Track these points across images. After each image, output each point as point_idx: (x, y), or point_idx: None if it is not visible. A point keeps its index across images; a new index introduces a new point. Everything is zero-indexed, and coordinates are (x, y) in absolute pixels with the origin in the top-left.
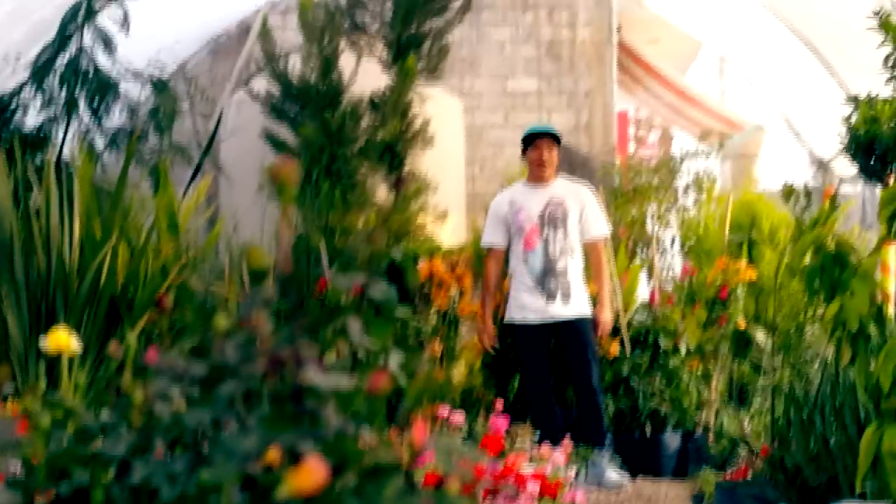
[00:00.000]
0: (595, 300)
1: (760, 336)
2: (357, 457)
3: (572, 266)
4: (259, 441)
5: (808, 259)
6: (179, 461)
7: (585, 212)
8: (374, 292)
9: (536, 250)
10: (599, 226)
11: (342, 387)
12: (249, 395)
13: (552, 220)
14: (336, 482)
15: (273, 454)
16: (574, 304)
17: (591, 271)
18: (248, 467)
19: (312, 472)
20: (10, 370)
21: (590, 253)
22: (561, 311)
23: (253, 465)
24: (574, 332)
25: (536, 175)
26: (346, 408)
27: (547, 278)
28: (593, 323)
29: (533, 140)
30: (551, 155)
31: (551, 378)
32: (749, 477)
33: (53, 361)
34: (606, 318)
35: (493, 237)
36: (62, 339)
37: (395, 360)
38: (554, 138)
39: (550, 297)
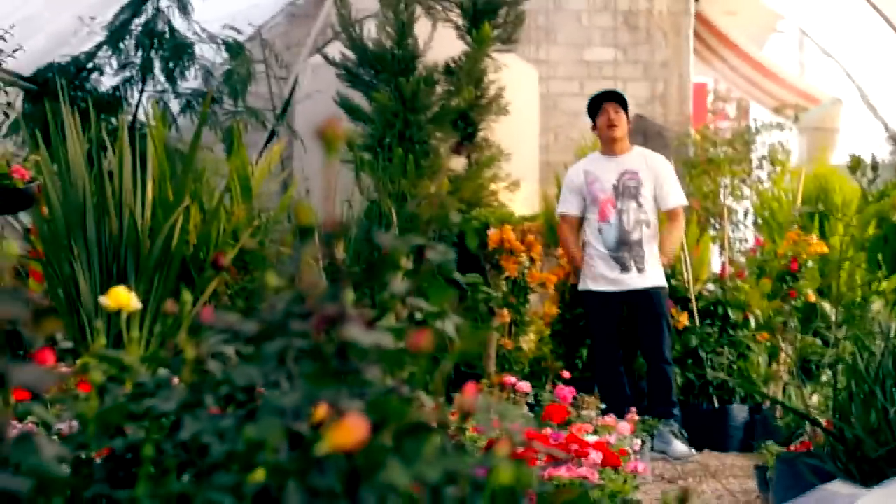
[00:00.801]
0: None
1: (827, 309)
2: (398, 414)
3: (647, 237)
4: (301, 398)
5: (871, 231)
6: (229, 418)
7: (661, 182)
8: (431, 255)
9: (611, 221)
10: (676, 195)
11: (383, 343)
12: (303, 353)
13: (626, 190)
14: (376, 439)
15: (321, 412)
16: (649, 275)
17: (666, 235)
18: (294, 424)
19: (353, 428)
20: (80, 330)
21: (667, 221)
22: (636, 281)
23: (298, 422)
24: (648, 303)
25: (608, 139)
26: (389, 365)
27: (622, 250)
28: (661, 293)
29: (598, 105)
30: (619, 116)
31: (620, 348)
32: (811, 449)
33: (125, 325)
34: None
35: (567, 206)
36: (122, 297)
37: (451, 322)
38: (618, 100)
39: (625, 268)
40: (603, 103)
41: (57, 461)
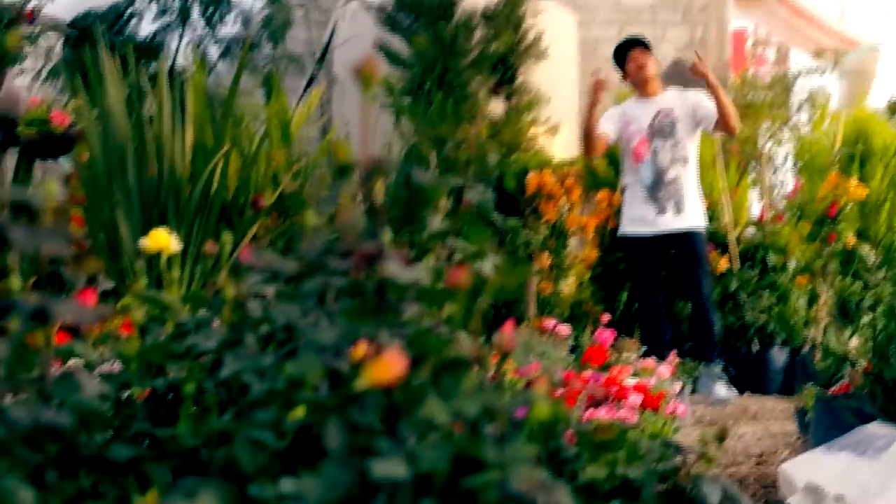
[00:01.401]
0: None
1: (867, 252)
2: (436, 350)
3: (684, 175)
4: (340, 335)
5: None
6: (269, 356)
7: (698, 110)
8: (470, 195)
9: (646, 161)
10: (715, 110)
11: (421, 280)
12: (342, 291)
13: (661, 129)
14: (414, 375)
15: (360, 349)
16: (686, 216)
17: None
18: (332, 361)
19: (391, 364)
20: (121, 275)
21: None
22: (673, 223)
23: (338, 359)
24: (686, 245)
25: (641, 82)
26: (428, 301)
27: (657, 189)
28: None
29: (624, 54)
30: (645, 58)
31: (662, 291)
32: (850, 391)
33: (165, 267)
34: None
35: (602, 127)
36: (162, 239)
37: (489, 262)
38: (641, 44)
39: (662, 209)
40: (627, 51)
41: (99, 399)
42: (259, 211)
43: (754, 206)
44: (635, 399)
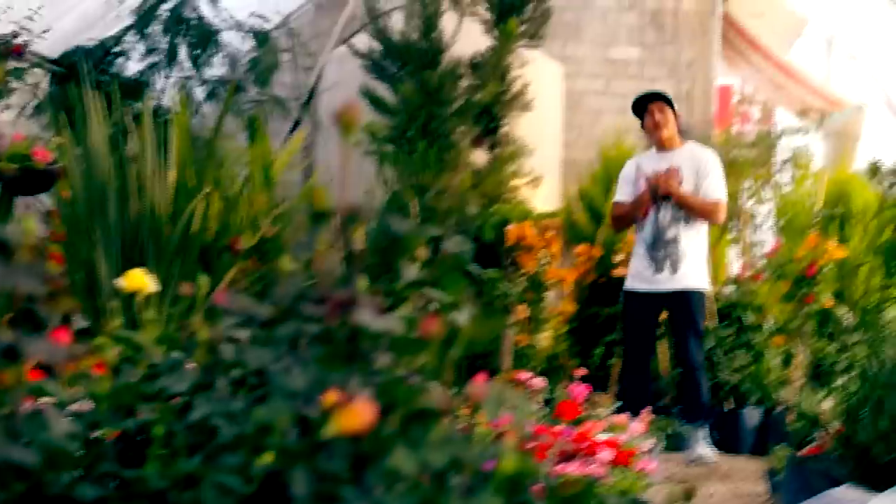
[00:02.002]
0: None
1: (843, 314)
2: (406, 399)
3: (685, 235)
4: (311, 381)
5: (886, 236)
6: (240, 400)
7: (701, 176)
8: (447, 245)
9: (648, 218)
10: (714, 190)
11: (394, 329)
12: (315, 338)
13: None
14: (383, 424)
15: (331, 396)
16: (682, 276)
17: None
18: (302, 408)
19: (360, 412)
20: (99, 314)
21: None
22: (667, 282)
23: (308, 405)
24: (679, 306)
25: (656, 139)
26: (399, 351)
27: (656, 247)
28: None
29: (643, 107)
30: (664, 115)
31: (653, 350)
32: (821, 454)
33: (141, 307)
34: (676, 188)
35: (620, 195)
36: (138, 279)
37: (464, 313)
38: (662, 99)
39: (658, 266)
40: (647, 104)
41: (68, 438)
42: (237, 254)
43: (734, 264)
44: (606, 455)
